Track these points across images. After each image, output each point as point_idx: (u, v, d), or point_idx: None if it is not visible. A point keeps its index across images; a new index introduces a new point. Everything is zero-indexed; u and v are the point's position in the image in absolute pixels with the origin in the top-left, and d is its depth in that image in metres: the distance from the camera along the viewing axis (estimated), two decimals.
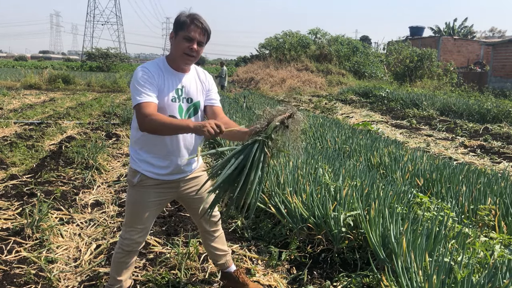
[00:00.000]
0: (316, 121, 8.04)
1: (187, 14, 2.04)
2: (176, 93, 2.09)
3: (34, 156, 5.71)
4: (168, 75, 2.08)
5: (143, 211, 2.17)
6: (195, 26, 2.01)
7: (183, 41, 2.02)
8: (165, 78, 2.07)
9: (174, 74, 2.10)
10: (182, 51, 2.03)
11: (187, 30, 2.00)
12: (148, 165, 2.12)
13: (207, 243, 2.48)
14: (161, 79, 2.05)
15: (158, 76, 2.04)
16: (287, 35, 29.06)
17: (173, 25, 2.08)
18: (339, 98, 17.47)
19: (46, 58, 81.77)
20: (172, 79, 2.09)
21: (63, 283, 2.66)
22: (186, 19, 2.01)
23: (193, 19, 2.01)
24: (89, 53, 40.87)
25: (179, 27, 2.02)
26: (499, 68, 20.81)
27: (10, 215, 3.61)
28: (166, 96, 2.05)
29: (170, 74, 2.09)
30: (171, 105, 2.07)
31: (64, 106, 11.93)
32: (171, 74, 2.09)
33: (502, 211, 3.18)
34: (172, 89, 2.08)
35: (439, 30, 38.34)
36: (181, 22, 2.02)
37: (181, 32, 2.01)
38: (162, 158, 2.12)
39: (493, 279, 1.98)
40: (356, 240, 2.91)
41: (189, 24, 2.00)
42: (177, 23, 2.04)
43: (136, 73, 2.03)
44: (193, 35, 2.01)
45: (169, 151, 2.12)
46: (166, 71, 2.09)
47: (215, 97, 2.26)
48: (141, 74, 2.01)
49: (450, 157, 6.58)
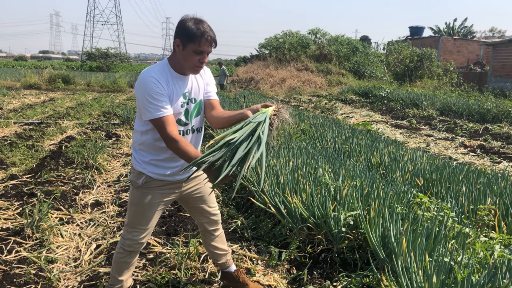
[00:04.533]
0: (316, 121, 8.04)
1: (195, 24, 1.95)
2: (184, 98, 2.09)
3: (34, 156, 5.71)
4: (175, 81, 2.06)
5: (147, 212, 2.17)
6: (206, 40, 1.95)
7: (193, 55, 1.97)
8: (172, 85, 2.04)
9: (180, 78, 2.08)
10: (193, 64, 2.01)
11: (198, 44, 1.95)
12: (154, 167, 2.13)
13: (208, 242, 2.48)
14: (169, 88, 2.02)
15: (167, 85, 2.01)
16: (287, 35, 29.06)
17: (178, 31, 1.98)
18: (339, 98, 17.48)
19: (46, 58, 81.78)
20: (179, 85, 2.07)
21: (63, 283, 2.67)
22: (196, 31, 1.93)
23: (203, 33, 1.94)
24: (89, 53, 40.83)
25: (189, 39, 1.94)
26: (499, 68, 20.81)
27: (10, 215, 3.61)
28: (176, 104, 2.05)
29: (176, 80, 2.07)
30: (180, 110, 2.08)
31: (64, 106, 11.93)
32: (178, 79, 2.07)
33: (502, 211, 3.18)
34: (180, 95, 2.07)
35: (439, 30, 38.34)
36: (190, 34, 1.94)
37: (191, 45, 1.95)
38: (167, 160, 2.13)
39: (493, 279, 1.99)
40: (356, 240, 2.91)
41: (200, 38, 1.94)
42: (185, 33, 1.95)
43: (146, 83, 1.97)
44: (204, 48, 1.97)
45: (174, 154, 2.13)
46: (172, 77, 2.05)
47: (212, 90, 2.25)
48: (153, 86, 1.95)
49: (450, 157, 6.58)
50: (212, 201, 2.41)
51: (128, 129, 8.26)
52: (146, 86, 1.97)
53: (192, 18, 1.98)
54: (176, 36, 2.00)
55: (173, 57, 2.07)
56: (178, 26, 1.99)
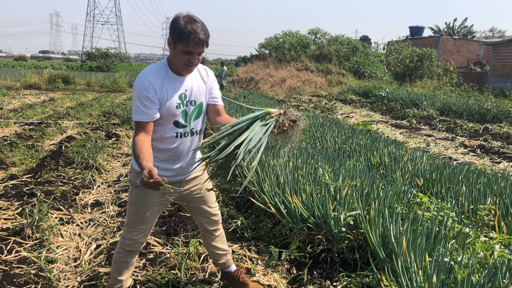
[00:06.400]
0: (316, 121, 8.04)
1: (186, 23, 1.90)
2: (180, 99, 2.08)
3: (34, 156, 5.71)
4: (171, 81, 2.05)
5: (146, 212, 2.17)
6: (193, 41, 1.90)
7: (182, 54, 1.95)
8: (168, 85, 2.03)
9: (176, 79, 2.07)
10: (182, 63, 1.99)
11: (186, 44, 1.91)
12: None
13: (208, 242, 2.48)
14: (164, 89, 2.01)
15: (160, 88, 2.00)
16: (287, 35, 29.05)
17: (171, 29, 1.96)
18: (339, 98, 17.48)
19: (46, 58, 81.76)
20: (175, 85, 2.06)
21: (63, 283, 2.67)
22: (185, 31, 1.89)
23: (191, 33, 1.88)
24: (89, 53, 40.85)
25: (178, 38, 1.92)
26: (499, 68, 20.81)
27: (10, 215, 3.61)
28: (170, 105, 2.04)
29: (173, 80, 2.06)
30: (176, 112, 2.07)
31: (64, 106, 11.93)
32: (174, 80, 2.06)
33: (502, 211, 3.18)
34: (175, 96, 2.06)
35: (439, 30, 38.32)
36: (179, 33, 1.90)
37: (180, 44, 1.92)
38: (167, 162, 2.13)
39: (493, 279, 1.99)
40: (356, 240, 2.91)
41: (187, 39, 1.89)
42: (175, 31, 1.93)
43: (139, 85, 1.97)
44: (192, 49, 1.93)
45: (174, 156, 2.14)
46: (168, 77, 2.05)
47: (217, 95, 2.24)
48: (143, 89, 1.96)
49: (450, 157, 6.58)
50: (212, 201, 2.41)
51: (128, 129, 8.26)
52: (138, 87, 1.99)
53: (186, 16, 1.94)
54: (170, 34, 1.99)
55: (169, 57, 2.07)
56: (171, 23, 1.97)
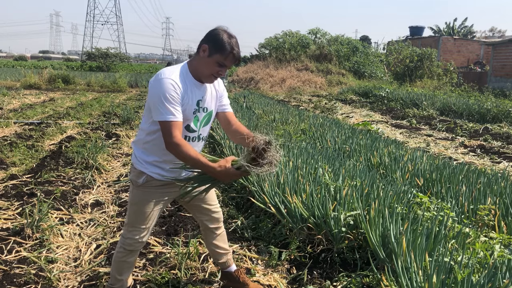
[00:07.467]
0: (316, 121, 8.04)
1: (228, 37, 2.01)
2: (197, 105, 2.11)
3: (34, 156, 5.71)
4: (192, 87, 2.08)
5: (147, 211, 2.18)
6: (233, 56, 2.01)
7: (215, 65, 2.02)
8: (189, 91, 2.06)
9: (196, 85, 2.11)
10: (210, 73, 2.05)
11: (225, 58, 2.00)
12: (155, 167, 2.14)
13: (209, 241, 2.48)
14: (186, 93, 2.04)
15: (184, 91, 2.03)
16: (287, 35, 29.05)
17: (210, 38, 2.02)
18: (339, 98, 17.48)
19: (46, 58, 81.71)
20: (195, 92, 2.10)
21: (63, 283, 2.67)
22: (227, 45, 1.99)
23: (233, 48, 2.00)
24: (89, 53, 40.81)
25: (218, 50, 1.99)
26: (499, 68, 20.80)
27: (10, 215, 3.61)
28: (189, 110, 2.07)
29: (193, 86, 2.09)
30: (191, 117, 2.10)
31: (64, 106, 11.93)
32: (194, 86, 2.10)
33: (502, 211, 3.18)
34: (194, 102, 2.09)
35: (439, 30, 38.32)
36: (221, 45, 1.99)
37: (218, 56, 2.00)
38: (169, 162, 2.13)
39: (493, 279, 1.99)
40: (356, 240, 2.91)
41: (229, 54, 2.00)
42: (216, 42, 2.00)
43: (165, 84, 1.97)
44: (228, 63, 2.03)
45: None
46: (190, 83, 2.08)
47: (227, 102, 2.30)
48: (171, 88, 1.97)
49: (450, 157, 6.58)
50: (212, 199, 2.41)
51: (128, 129, 8.26)
52: (164, 86, 1.97)
53: (226, 31, 2.04)
54: (205, 42, 2.03)
55: (192, 62, 2.10)
56: (211, 34, 2.03)
